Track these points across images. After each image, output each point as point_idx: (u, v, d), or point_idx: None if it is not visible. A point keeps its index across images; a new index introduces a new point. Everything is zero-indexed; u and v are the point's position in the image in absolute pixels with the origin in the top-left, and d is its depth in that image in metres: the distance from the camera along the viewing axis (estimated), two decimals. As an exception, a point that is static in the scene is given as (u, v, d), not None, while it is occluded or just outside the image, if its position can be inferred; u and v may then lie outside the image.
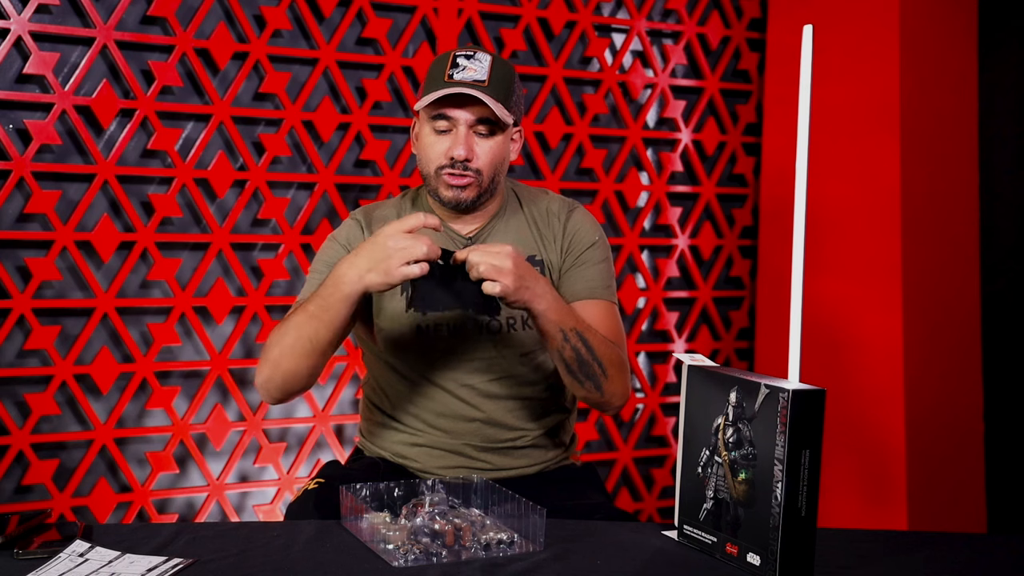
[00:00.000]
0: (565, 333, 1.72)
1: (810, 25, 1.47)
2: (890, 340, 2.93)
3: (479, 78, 1.78)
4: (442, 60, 1.83)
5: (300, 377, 1.76)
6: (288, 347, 1.72)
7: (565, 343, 1.73)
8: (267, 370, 1.76)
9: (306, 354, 1.72)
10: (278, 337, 1.75)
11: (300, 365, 1.73)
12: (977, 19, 3.08)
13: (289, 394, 1.80)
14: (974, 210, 3.08)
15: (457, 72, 1.79)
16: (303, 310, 1.72)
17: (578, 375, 1.77)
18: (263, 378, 1.77)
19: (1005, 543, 1.68)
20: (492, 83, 1.79)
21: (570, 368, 1.76)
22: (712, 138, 3.37)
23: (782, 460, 1.35)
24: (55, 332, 2.59)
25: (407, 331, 1.87)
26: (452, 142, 1.80)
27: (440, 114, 1.80)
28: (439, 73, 1.80)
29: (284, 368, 1.74)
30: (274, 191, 2.85)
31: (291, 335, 1.72)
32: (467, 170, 1.80)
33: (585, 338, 1.74)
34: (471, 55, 1.81)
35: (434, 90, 1.79)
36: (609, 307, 1.89)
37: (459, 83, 1.77)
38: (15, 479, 2.61)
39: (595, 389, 1.78)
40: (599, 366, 1.76)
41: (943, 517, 2.95)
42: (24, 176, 2.55)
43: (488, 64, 1.80)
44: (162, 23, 2.71)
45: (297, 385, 1.77)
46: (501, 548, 1.47)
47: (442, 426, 1.89)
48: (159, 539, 1.48)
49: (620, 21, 3.23)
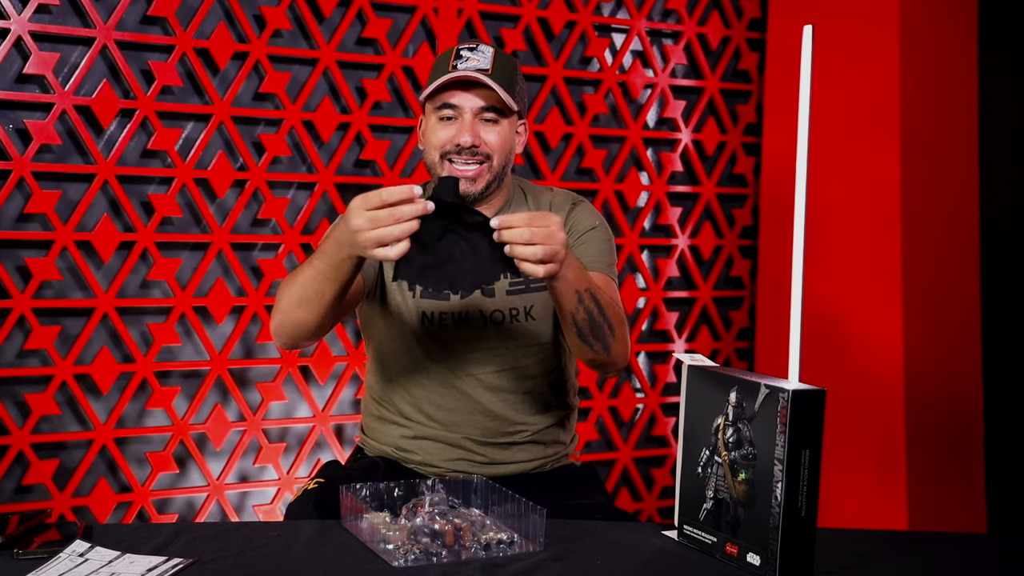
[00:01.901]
0: (580, 295, 1.66)
1: (810, 25, 1.47)
2: (890, 340, 2.93)
3: (483, 67, 1.80)
4: (446, 54, 1.85)
5: (308, 328, 1.73)
6: (296, 299, 1.69)
7: (579, 305, 1.67)
8: (278, 317, 1.74)
9: (313, 308, 1.69)
10: (288, 287, 1.72)
11: (307, 318, 1.70)
12: (977, 19, 3.08)
13: (298, 343, 1.78)
14: (974, 210, 3.08)
15: (461, 63, 1.81)
16: (311, 265, 1.68)
17: (588, 337, 1.72)
18: (274, 324, 1.76)
19: (1005, 543, 1.68)
20: (496, 72, 1.80)
21: (581, 331, 1.71)
22: (712, 138, 3.37)
23: (782, 460, 1.35)
24: (55, 332, 2.59)
25: (411, 320, 1.87)
26: (458, 129, 1.81)
27: (445, 103, 1.82)
28: (443, 65, 1.83)
29: (293, 318, 1.72)
30: (274, 191, 2.85)
31: (299, 289, 1.69)
32: (476, 154, 1.81)
33: (597, 298, 1.70)
34: (474, 47, 1.83)
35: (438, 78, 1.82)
36: (611, 281, 1.89)
37: (463, 71, 1.79)
38: (15, 479, 2.61)
39: (604, 351, 1.75)
40: (608, 327, 1.72)
41: (943, 517, 2.95)
42: (24, 176, 2.55)
43: (491, 55, 1.82)
44: (162, 23, 2.71)
45: (305, 335, 1.75)
46: (501, 548, 1.47)
47: (443, 419, 1.90)
48: (159, 539, 1.48)
49: (620, 21, 3.23)
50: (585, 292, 1.67)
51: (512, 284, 1.86)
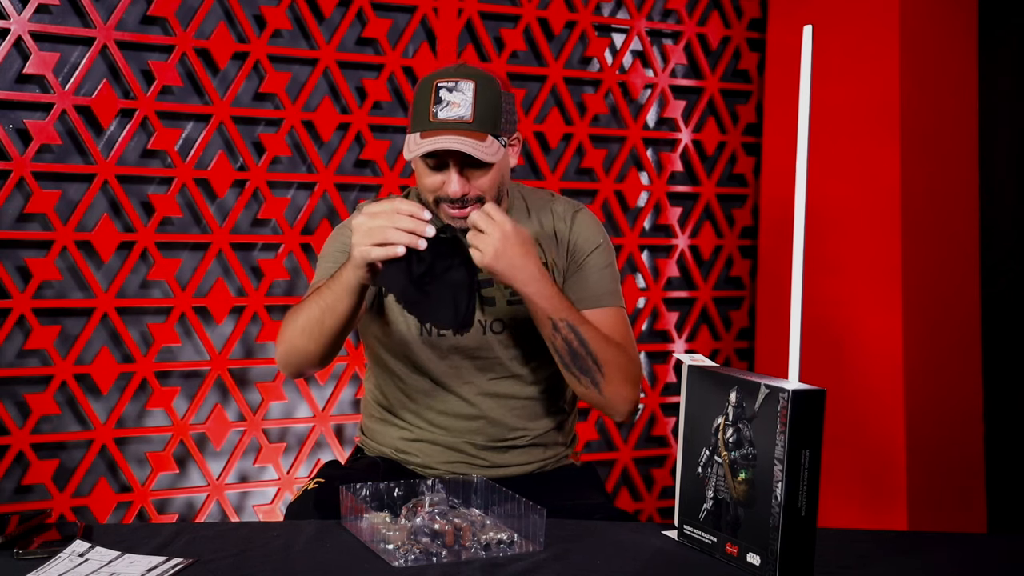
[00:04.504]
0: (555, 322, 1.73)
1: (810, 25, 1.47)
2: (890, 340, 2.93)
3: (463, 114, 1.73)
4: (425, 90, 1.77)
5: (311, 357, 1.78)
6: (299, 329, 1.76)
7: (555, 332, 1.74)
8: (281, 347, 1.81)
9: (315, 338, 1.74)
10: (293, 317, 1.78)
11: (309, 347, 1.76)
12: (977, 19, 3.08)
13: (302, 372, 1.84)
14: (974, 210, 3.08)
15: (440, 109, 1.74)
16: (318, 293, 1.74)
17: (571, 368, 1.77)
18: (278, 354, 1.83)
19: (1005, 543, 1.68)
20: (477, 117, 1.74)
21: (563, 360, 1.77)
22: (712, 138, 3.37)
23: (782, 460, 1.35)
24: (55, 332, 2.60)
25: (410, 329, 1.87)
26: (446, 179, 1.77)
27: (429, 153, 1.75)
28: (423, 108, 1.75)
29: (297, 349, 1.78)
30: (274, 191, 2.85)
31: (302, 318, 1.75)
32: (466, 202, 1.78)
33: (578, 330, 1.74)
34: (453, 86, 1.75)
35: (419, 129, 1.75)
36: (616, 313, 1.88)
37: (443, 123, 1.73)
38: (15, 479, 2.61)
39: (592, 386, 1.77)
40: (593, 361, 1.75)
41: (943, 517, 2.95)
42: (24, 176, 2.55)
43: (471, 94, 1.74)
44: (162, 23, 2.71)
45: (308, 365, 1.81)
46: (501, 548, 1.47)
47: (443, 424, 1.90)
48: (159, 539, 1.48)
49: (620, 21, 3.23)
50: (562, 321, 1.74)
51: (513, 294, 1.86)
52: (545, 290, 1.72)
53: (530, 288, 1.71)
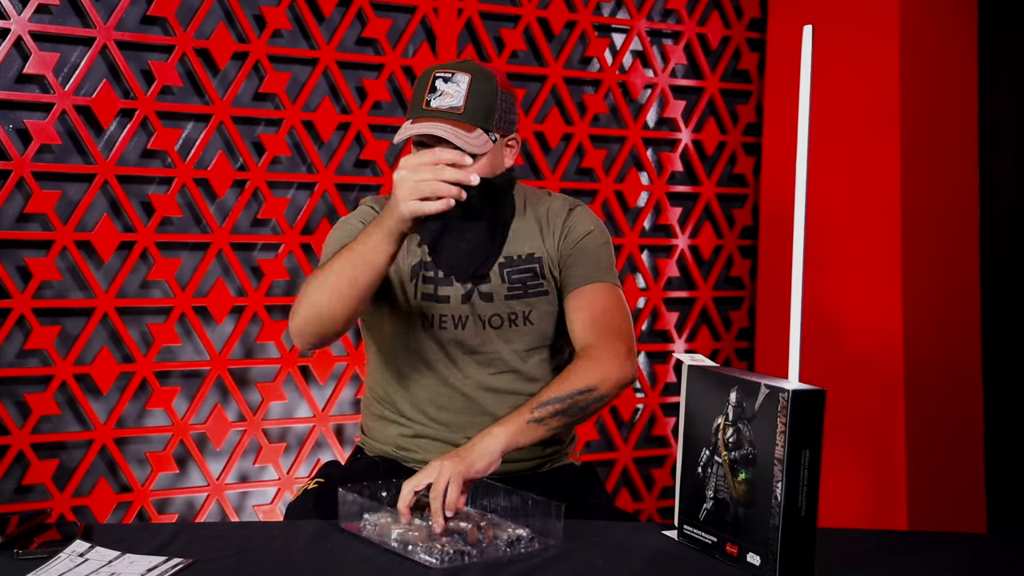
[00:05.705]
0: (547, 430, 1.71)
1: (810, 25, 1.47)
2: (890, 340, 2.93)
3: (455, 104, 1.74)
4: (424, 79, 1.79)
5: (336, 321, 1.71)
6: (328, 290, 1.68)
7: (550, 430, 1.72)
8: (304, 313, 1.72)
9: (343, 298, 1.67)
10: (317, 281, 1.71)
11: (335, 310, 1.69)
12: (977, 19, 3.08)
13: (324, 339, 1.76)
14: (974, 210, 3.08)
15: (434, 98, 1.75)
16: (345, 252, 1.68)
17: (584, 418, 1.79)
18: (297, 324, 1.74)
19: (1005, 543, 1.68)
20: (468, 109, 1.74)
21: (572, 425, 1.80)
22: (712, 138, 3.37)
23: (782, 460, 1.35)
24: (55, 332, 2.59)
25: (412, 322, 1.87)
26: None
27: (420, 141, 1.77)
28: (419, 95, 1.77)
29: (321, 313, 1.70)
30: (274, 191, 2.85)
31: (331, 279, 1.68)
32: None
33: (559, 413, 1.72)
34: (449, 77, 1.76)
35: (412, 116, 1.77)
36: (610, 288, 1.88)
37: (434, 111, 1.74)
38: (15, 479, 2.61)
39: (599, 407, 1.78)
40: (582, 411, 1.75)
41: (943, 517, 2.95)
42: (24, 176, 2.55)
43: (466, 86, 1.75)
44: (162, 23, 2.71)
45: (333, 330, 1.73)
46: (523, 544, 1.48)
47: (444, 419, 1.90)
48: (159, 539, 1.48)
49: (620, 21, 3.23)
50: (541, 423, 1.70)
51: (511, 289, 1.86)
52: (509, 433, 1.67)
53: (501, 443, 1.65)
